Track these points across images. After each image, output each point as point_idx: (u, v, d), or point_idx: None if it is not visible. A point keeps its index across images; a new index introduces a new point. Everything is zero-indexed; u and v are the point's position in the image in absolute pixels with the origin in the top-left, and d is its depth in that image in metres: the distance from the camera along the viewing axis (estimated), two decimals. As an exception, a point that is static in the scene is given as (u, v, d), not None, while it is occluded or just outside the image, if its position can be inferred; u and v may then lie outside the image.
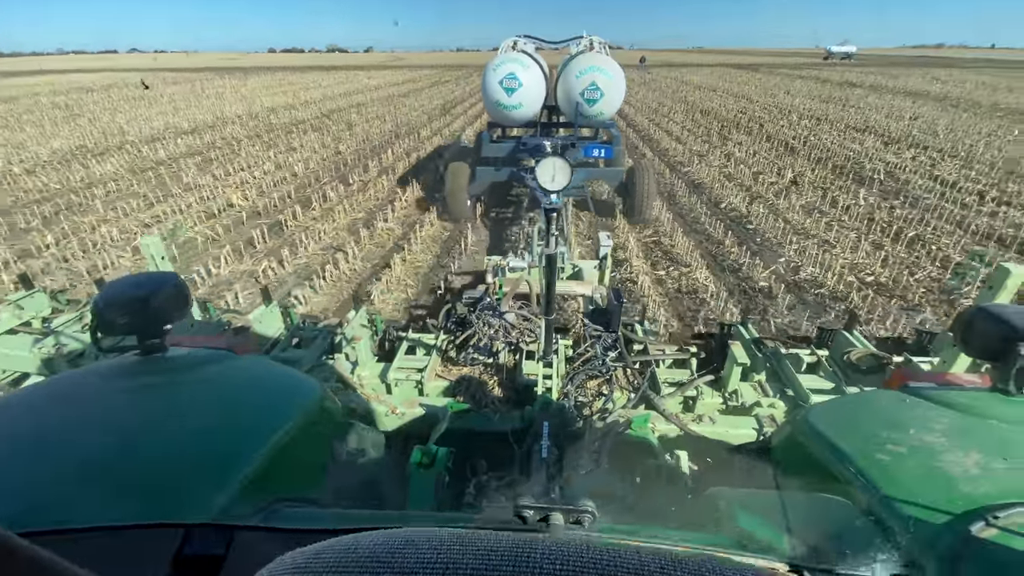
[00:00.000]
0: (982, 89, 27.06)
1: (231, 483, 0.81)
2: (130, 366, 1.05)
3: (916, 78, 35.14)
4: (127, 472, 0.79)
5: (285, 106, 21.69)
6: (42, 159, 12.08)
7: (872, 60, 71.93)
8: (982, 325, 1.11)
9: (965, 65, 54.02)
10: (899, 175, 10.00)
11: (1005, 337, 1.03)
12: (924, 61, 65.56)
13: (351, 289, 5.65)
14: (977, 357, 1.22)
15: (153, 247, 2.55)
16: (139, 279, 1.16)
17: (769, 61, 66.07)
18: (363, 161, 11.65)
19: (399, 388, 2.19)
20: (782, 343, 2.47)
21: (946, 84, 30.56)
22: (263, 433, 0.91)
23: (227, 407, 0.97)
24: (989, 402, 1.02)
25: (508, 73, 6.75)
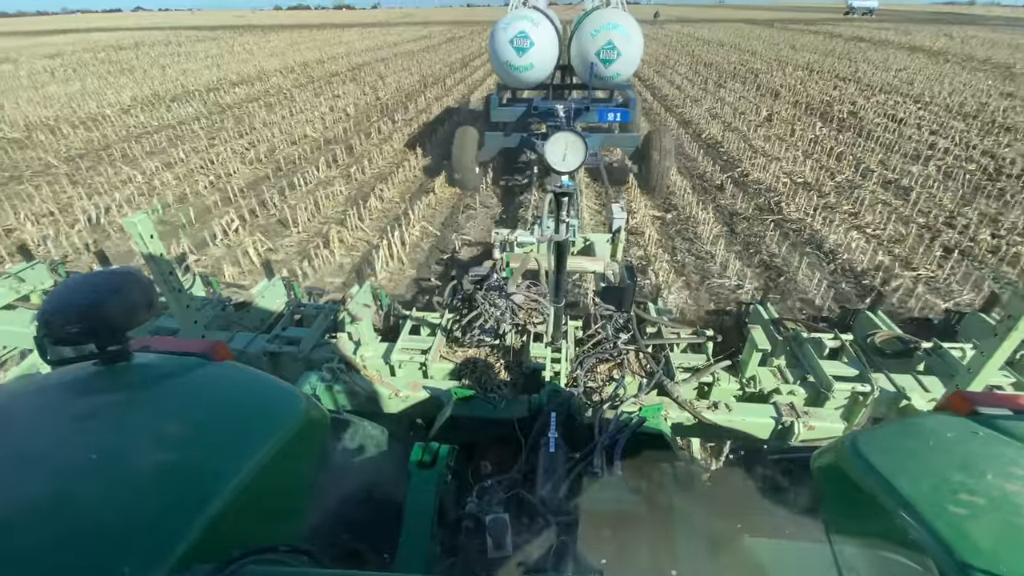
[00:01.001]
0: (985, 46, 27.69)
1: (183, 538, 0.66)
2: (84, 380, 0.90)
3: (927, 34, 35.43)
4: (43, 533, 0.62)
5: (315, 61, 23.34)
6: (124, 104, 14.12)
7: (894, 16, 70.40)
8: None
9: (987, 23, 53.15)
10: (860, 114, 11.74)
11: None
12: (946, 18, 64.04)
13: (418, 183, 7.74)
14: None
15: (141, 226, 2.19)
16: (93, 279, 0.97)
17: (788, 17, 65.16)
18: (402, 104, 13.58)
19: (403, 370, 2.12)
20: (803, 326, 2.30)
21: (953, 40, 31.07)
22: (231, 466, 0.77)
23: (190, 432, 0.81)
24: None
25: (519, 31, 6.41)
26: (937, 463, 0.85)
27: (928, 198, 7.01)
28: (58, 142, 10.33)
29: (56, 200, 7.22)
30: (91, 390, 0.89)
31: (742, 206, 6.95)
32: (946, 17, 68.70)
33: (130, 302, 0.94)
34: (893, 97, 13.57)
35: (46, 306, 0.91)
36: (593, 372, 2.02)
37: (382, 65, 21.50)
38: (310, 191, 7.43)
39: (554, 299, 1.97)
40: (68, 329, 0.88)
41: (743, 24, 47.87)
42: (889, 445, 0.93)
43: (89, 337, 0.90)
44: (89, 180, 8.01)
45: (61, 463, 0.70)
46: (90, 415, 0.82)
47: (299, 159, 9.06)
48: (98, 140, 10.50)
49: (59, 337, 0.89)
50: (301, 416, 0.96)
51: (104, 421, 0.81)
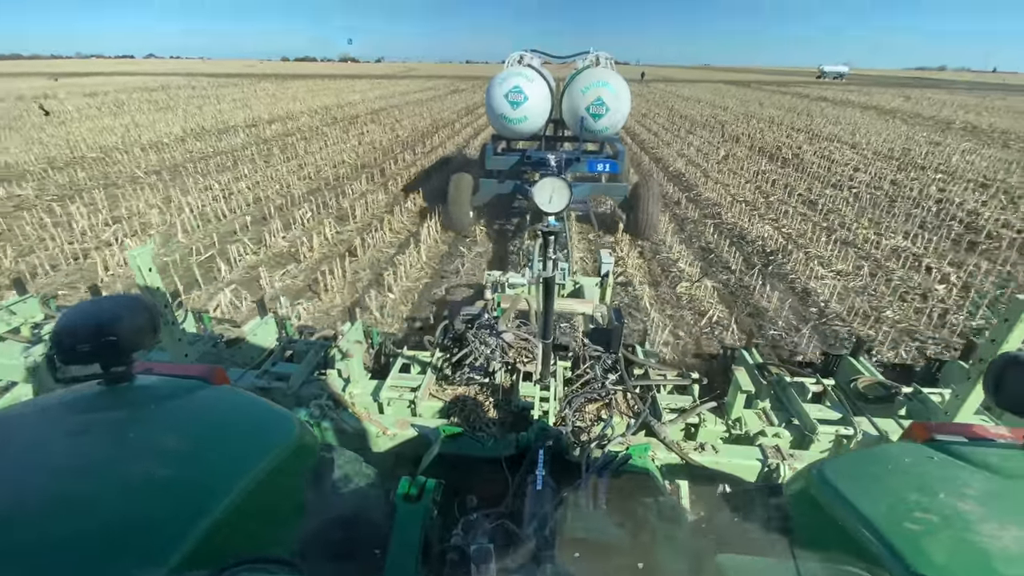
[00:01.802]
0: (936, 106, 31.06)
1: (180, 545, 0.71)
2: (87, 399, 0.96)
3: (886, 96, 39.25)
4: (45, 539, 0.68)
5: (335, 106, 26.06)
6: (177, 135, 16.34)
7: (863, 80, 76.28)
8: (1017, 375, 1.00)
9: (951, 87, 58.00)
10: (802, 156, 14.14)
11: None
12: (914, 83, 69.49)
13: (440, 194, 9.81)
14: (1009, 409, 1.06)
15: (141, 259, 2.20)
16: (105, 302, 1.07)
17: (764, 79, 70.59)
18: (420, 141, 15.91)
19: (391, 407, 2.14)
20: (787, 370, 2.39)
21: (908, 101, 34.69)
22: (225, 481, 0.82)
23: (189, 448, 0.87)
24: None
25: (513, 86, 6.83)
26: (895, 485, 0.92)
27: (833, 211, 9.15)
28: (133, 161, 12.41)
29: (159, 197, 9.17)
30: (95, 408, 0.93)
31: (692, 214, 9.03)
32: (914, 82, 74.46)
33: (137, 325, 1.02)
34: (834, 144, 16.11)
35: (58, 325, 0.98)
36: (581, 411, 2.06)
37: (396, 111, 24.19)
38: (357, 198, 9.45)
39: (543, 336, 2.00)
40: (78, 348, 0.95)
41: (722, 84, 52.26)
42: (853, 471, 1.01)
43: (96, 357, 0.96)
44: (177, 186, 10.00)
45: (66, 473, 0.75)
46: (93, 431, 0.85)
47: (342, 177, 11.16)
48: (168, 160, 12.59)
49: (68, 356, 0.96)
50: (294, 438, 1.00)
51: (107, 437, 0.84)
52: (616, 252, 7.05)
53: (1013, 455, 0.95)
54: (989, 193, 10.47)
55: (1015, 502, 0.85)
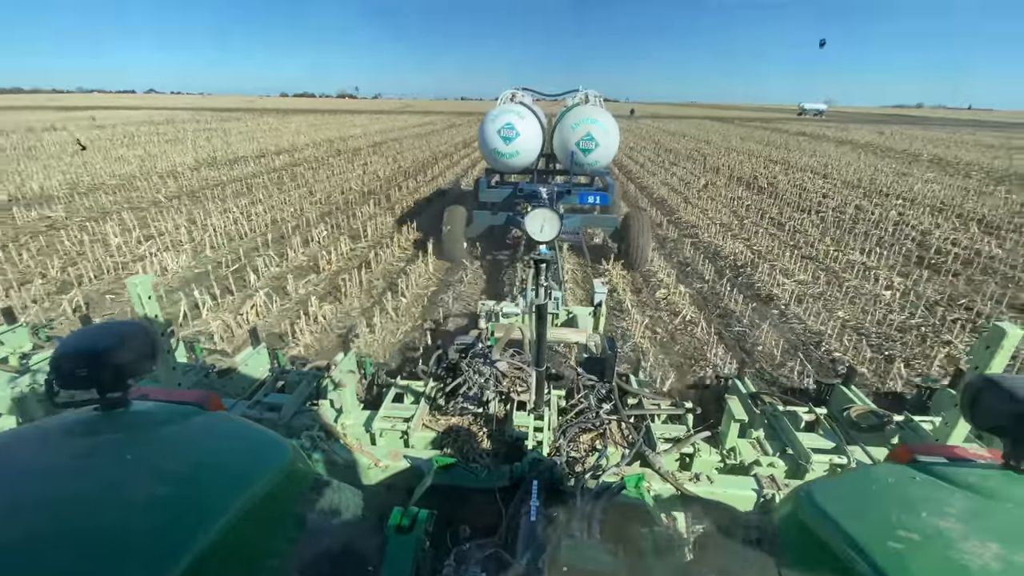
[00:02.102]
0: (907, 140, 32.85)
1: (175, 565, 0.73)
2: (83, 424, 0.97)
3: (861, 132, 41.23)
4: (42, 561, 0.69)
5: (337, 139, 27.26)
6: (191, 164, 17.25)
7: (842, 116, 79.52)
8: (989, 397, 1.02)
9: (926, 123, 60.77)
10: (776, 184, 15.24)
11: (1016, 411, 0.97)
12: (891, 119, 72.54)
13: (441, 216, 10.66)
14: (984, 430, 1.12)
15: (141, 287, 2.28)
16: (104, 328, 1.10)
17: (748, 115, 73.51)
18: (421, 170, 16.92)
19: (384, 438, 2.14)
20: (780, 399, 2.40)
21: (882, 136, 36.52)
22: (220, 505, 0.83)
23: (184, 471, 0.88)
24: (1002, 481, 0.95)
25: (506, 123, 7.15)
26: (879, 505, 0.95)
27: (800, 232, 10.08)
28: (152, 188, 13.24)
29: (183, 219, 9.96)
30: (90, 432, 0.93)
31: (672, 235, 9.93)
32: (891, 118, 77.57)
33: (135, 352, 1.03)
34: (807, 174, 17.30)
35: (58, 350, 1.00)
36: (576, 441, 2.06)
37: (397, 143, 25.40)
38: (366, 220, 10.29)
39: (536, 363, 2.01)
40: (77, 372, 0.96)
41: (707, 120, 54.55)
42: (839, 493, 1.05)
43: (93, 382, 0.97)
44: (198, 209, 10.80)
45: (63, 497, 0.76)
46: (89, 455, 0.86)
47: (351, 202, 12.03)
48: (185, 187, 13.44)
49: (66, 380, 0.97)
50: (288, 464, 1.01)
51: (102, 461, 0.85)
52: (607, 272, 7.85)
53: (992, 474, 0.97)
54: (943, 216, 11.49)
55: (994, 520, 0.87)
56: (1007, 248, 9.15)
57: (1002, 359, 1.93)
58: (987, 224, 10.98)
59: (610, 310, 6.28)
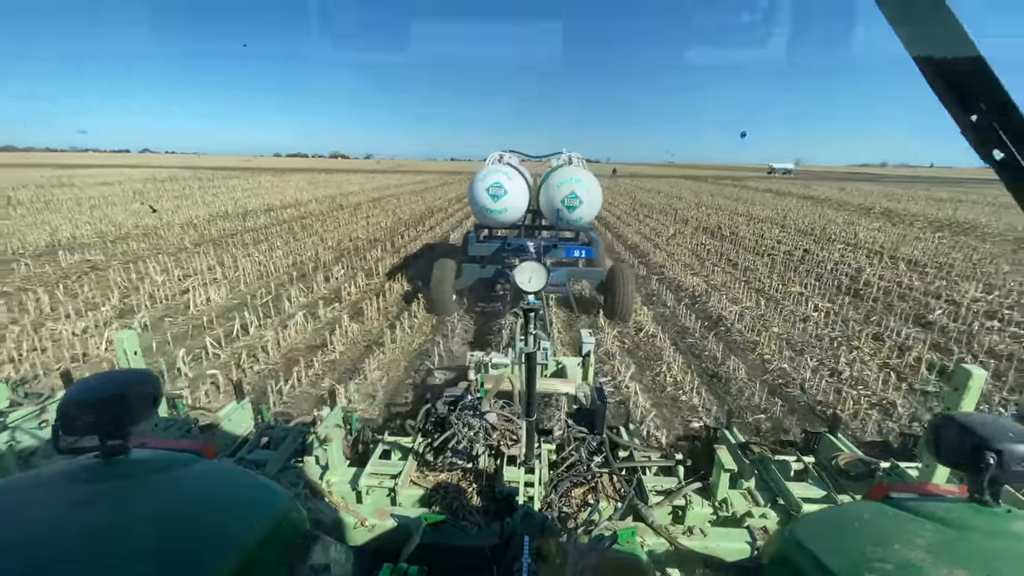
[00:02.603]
0: (863, 196, 35.70)
1: None
2: (84, 471, 0.99)
3: (826, 188, 44.56)
4: None
5: (338, 195, 29.14)
6: (205, 217, 18.70)
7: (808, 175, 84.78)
8: (949, 434, 1.09)
9: (888, 180, 65.24)
10: (738, 233, 17.10)
11: (974, 447, 1.02)
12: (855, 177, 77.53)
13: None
14: (949, 466, 1.19)
15: (127, 342, 2.33)
16: (110, 376, 1.12)
17: (721, 175, 78.23)
18: (419, 222, 18.58)
19: (371, 496, 2.11)
20: (769, 448, 2.42)
21: (842, 192, 39.64)
22: (217, 550, 0.85)
23: (181, 519, 0.90)
24: (967, 513, 1.01)
25: (494, 182, 7.64)
26: (856, 540, 1.01)
27: (752, 270, 11.70)
28: (175, 236, 14.60)
29: (214, 261, 11.26)
30: (92, 479, 0.95)
31: (642, 272, 11.47)
32: (856, 176, 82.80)
33: (138, 400, 1.05)
34: (767, 224, 19.29)
35: (66, 396, 1.03)
36: (567, 496, 2.06)
37: (394, 199, 27.33)
38: (375, 261, 11.70)
39: (526, 413, 2.00)
40: (83, 419, 0.98)
41: (682, 179, 58.20)
42: (820, 529, 1.11)
43: (96, 429, 0.99)
44: (224, 254, 12.13)
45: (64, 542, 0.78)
46: (90, 502, 0.88)
47: (360, 248, 13.48)
48: (206, 236, 14.82)
49: (71, 427, 0.99)
50: (282, 511, 1.03)
51: (103, 508, 0.87)
52: (593, 324, 9.25)
53: (958, 507, 1.02)
54: (877, 258, 13.26)
55: (960, 550, 0.91)
56: (926, 280, 10.81)
57: (971, 400, 1.99)
58: (914, 263, 12.75)
59: (585, 325, 7.62)
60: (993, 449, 0.99)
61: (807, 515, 1.74)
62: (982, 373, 2.00)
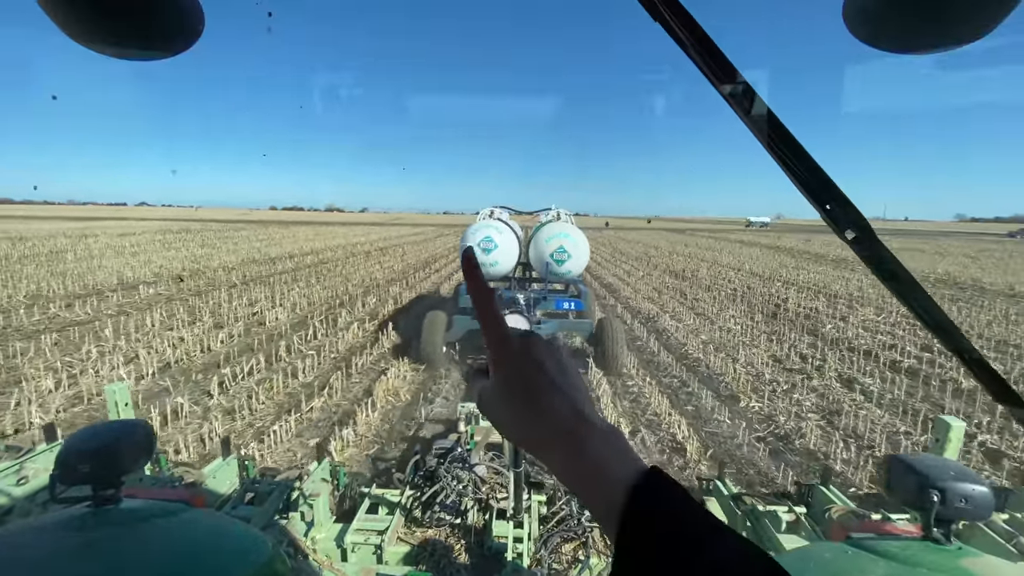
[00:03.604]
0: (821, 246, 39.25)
1: None
2: (76, 520, 1.00)
3: (791, 239, 48.50)
4: None
5: (347, 245, 32.12)
6: (232, 263, 21.34)
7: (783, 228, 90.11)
8: (898, 474, 1.12)
9: None
10: (698, 275, 20.10)
11: (919, 486, 1.05)
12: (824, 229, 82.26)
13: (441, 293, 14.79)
14: (902, 504, 1.22)
15: (119, 394, 2.35)
16: (107, 426, 1.16)
17: (700, 227, 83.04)
18: (426, 266, 21.45)
19: (356, 553, 2.08)
20: (760, 500, 2.40)
21: (807, 243, 43.36)
22: None
23: (167, 570, 0.92)
24: (919, 552, 1.04)
25: (485, 236, 7.85)
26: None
27: (700, 300, 14.52)
28: (219, 277, 17.23)
29: (264, 294, 13.87)
30: (85, 528, 0.97)
31: (610, 302, 14.25)
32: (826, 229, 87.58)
33: (132, 450, 1.10)
34: (725, 268, 22.38)
35: (65, 446, 1.07)
36: (557, 552, 2.03)
37: (399, 248, 30.37)
38: (398, 294, 14.38)
39: (513, 464, 1.98)
40: (79, 469, 1.02)
41: (663, 231, 62.38)
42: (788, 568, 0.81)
43: (91, 479, 1.03)
44: (267, 290, 14.76)
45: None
46: (83, 550, 0.90)
47: (379, 285, 16.19)
48: (238, 279, 17.44)
49: (67, 477, 1.03)
50: (268, 560, 1.05)
51: (95, 556, 0.89)
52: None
53: (912, 545, 1.07)
54: (806, 292, 16.21)
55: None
56: (835, 307, 13.67)
57: (952, 450, 2.02)
58: (833, 295, 15.69)
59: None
60: (936, 487, 1.04)
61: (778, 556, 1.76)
62: (962, 425, 2.07)
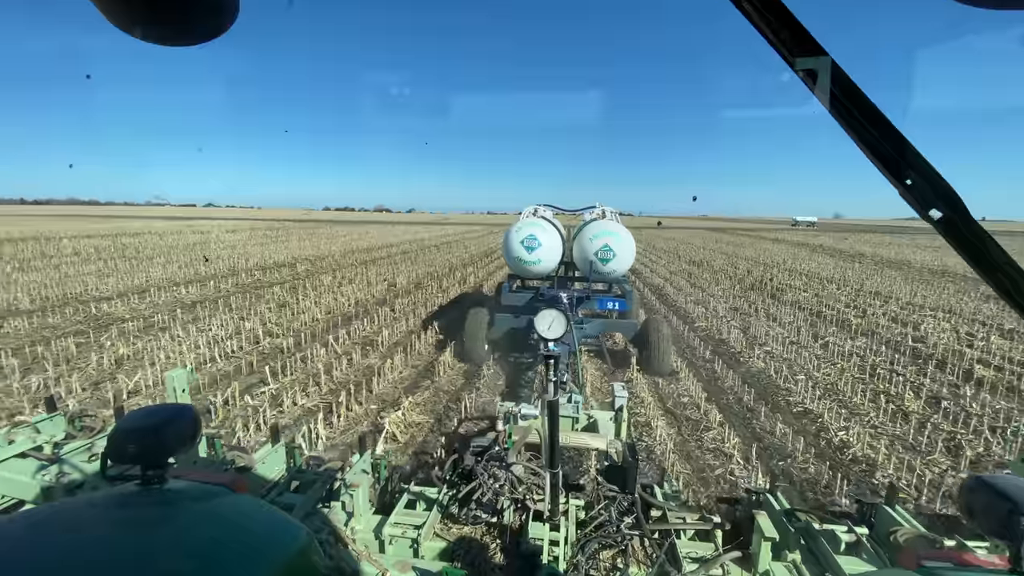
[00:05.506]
0: (860, 243, 40.29)
1: None
2: (123, 498, 1.04)
3: (826, 238, 48.91)
4: None
5: (406, 241, 35.90)
6: (301, 257, 25.03)
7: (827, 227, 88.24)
8: (982, 499, 1.01)
9: (912, 232, 67.81)
10: (713, 264, 22.47)
11: (1008, 512, 0.94)
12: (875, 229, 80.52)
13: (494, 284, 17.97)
14: (984, 532, 1.08)
15: (177, 380, 2.48)
16: (155, 410, 1.20)
17: (746, 227, 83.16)
18: (482, 258, 24.83)
19: (394, 546, 2.11)
20: (816, 517, 2.24)
21: (845, 241, 44.20)
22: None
23: (206, 550, 0.93)
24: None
25: (529, 234, 7.80)
26: None
27: (703, 279, 17.10)
28: (334, 261, 21.06)
29: (344, 278, 17.46)
30: (130, 506, 1.01)
31: (639, 286, 17.05)
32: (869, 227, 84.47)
33: (180, 433, 1.15)
34: (743, 260, 24.61)
35: (117, 427, 1.13)
36: (595, 558, 1.98)
37: (460, 243, 34.14)
38: (473, 273, 17.63)
39: (549, 465, 1.98)
40: (129, 449, 1.08)
41: (704, 231, 63.64)
42: None
43: (139, 458, 1.08)
44: (377, 270, 18.36)
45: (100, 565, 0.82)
46: (127, 528, 0.94)
47: (431, 278, 19.10)
48: (308, 271, 20.81)
49: (117, 455, 1.09)
50: (302, 549, 1.04)
51: (138, 533, 0.93)
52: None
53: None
54: (805, 278, 18.52)
55: None
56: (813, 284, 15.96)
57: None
58: (826, 278, 18.00)
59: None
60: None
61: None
62: None
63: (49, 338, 9.15)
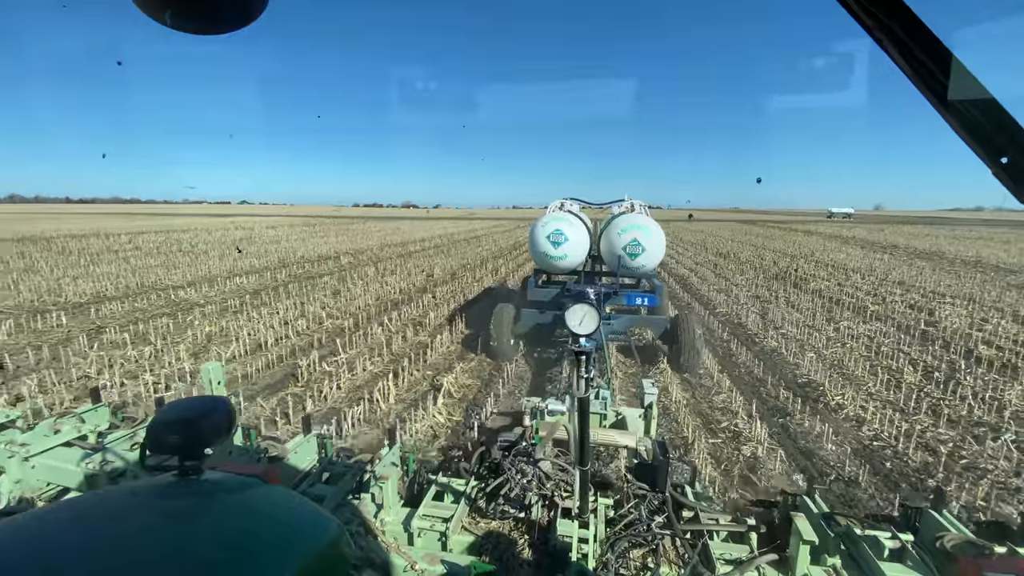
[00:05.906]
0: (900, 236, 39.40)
1: None
2: (160, 488, 1.08)
3: (860, 230, 48.03)
4: None
5: (429, 238, 36.80)
6: (342, 251, 26.53)
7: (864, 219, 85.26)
8: None
9: (953, 224, 65.51)
10: (740, 255, 22.91)
11: None
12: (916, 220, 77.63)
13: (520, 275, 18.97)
14: None
15: (213, 373, 2.56)
16: (192, 402, 1.23)
17: (779, 219, 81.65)
18: (511, 251, 25.85)
19: (422, 539, 2.12)
20: (858, 522, 2.15)
21: (882, 233, 43.44)
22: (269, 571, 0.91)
23: (239, 539, 0.96)
24: None
25: (555, 229, 7.75)
26: None
27: (738, 274, 17.69)
28: (373, 255, 22.45)
29: (391, 268, 18.73)
30: (167, 496, 1.05)
31: (666, 276, 17.79)
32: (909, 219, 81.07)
33: (215, 425, 1.17)
34: (770, 252, 24.92)
35: (156, 418, 1.16)
36: (625, 557, 1.96)
37: (489, 237, 35.24)
38: (504, 264, 18.70)
39: (579, 462, 1.96)
40: (168, 440, 1.10)
41: (736, 223, 63.08)
42: None
43: (178, 450, 1.10)
44: (415, 263, 19.63)
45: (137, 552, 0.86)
46: (165, 516, 0.97)
47: (462, 270, 20.22)
48: (351, 264, 22.43)
49: (155, 446, 1.12)
50: (333, 541, 1.07)
51: (175, 522, 0.96)
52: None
53: None
54: (829, 268, 18.88)
55: None
56: (835, 275, 16.40)
57: None
58: (852, 269, 18.35)
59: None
60: None
61: None
62: None
63: (141, 319, 10.61)
